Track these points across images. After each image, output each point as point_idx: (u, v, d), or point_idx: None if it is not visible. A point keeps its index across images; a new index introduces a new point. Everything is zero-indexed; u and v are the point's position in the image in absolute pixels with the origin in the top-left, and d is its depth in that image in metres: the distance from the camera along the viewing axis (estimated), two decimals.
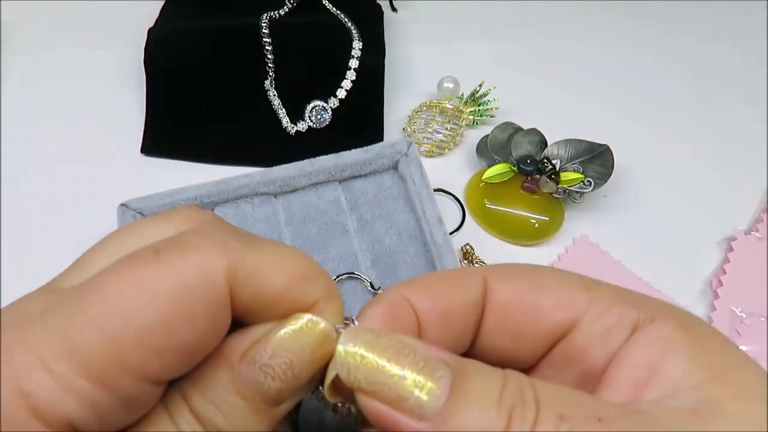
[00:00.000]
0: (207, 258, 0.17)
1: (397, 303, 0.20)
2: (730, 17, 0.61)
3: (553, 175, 0.46)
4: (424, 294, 0.21)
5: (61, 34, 0.57)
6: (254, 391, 0.18)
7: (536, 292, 0.21)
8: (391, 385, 0.17)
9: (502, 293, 0.21)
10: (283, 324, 0.18)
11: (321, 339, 0.18)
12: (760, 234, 0.45)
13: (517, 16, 0.61)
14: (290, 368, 0.18)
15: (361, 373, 0.17)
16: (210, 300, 0.17)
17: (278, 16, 0.52)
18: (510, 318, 0.21)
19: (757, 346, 0.40)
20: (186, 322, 0.16)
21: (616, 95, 0.55)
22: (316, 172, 0.43)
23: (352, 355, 0.17)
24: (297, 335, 0.18)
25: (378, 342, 0.17)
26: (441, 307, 0.21)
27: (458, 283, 0.21)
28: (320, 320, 0.18)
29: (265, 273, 0.18)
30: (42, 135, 0.50)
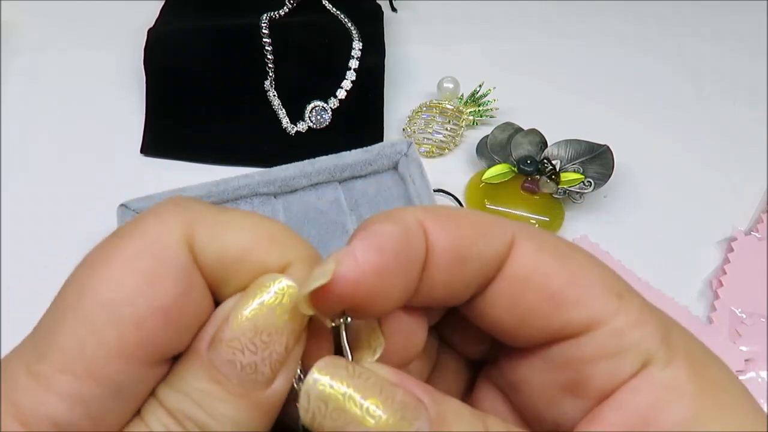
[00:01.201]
0: (162, 224, 0.17)
1: (411, 229, 0.18)
2: (730, 17, 0.61)
3: (553, 176, 0.46)
4: (446, 229, 0.18)
5: (61, 34, 0.57)
6: (228, 373, 0.16)
7: (564, 277, 0.18)
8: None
9: (525, 264, 0.18)
10: (244, 295, 0.17)
11: (282, 294, 0.17)
12: (760, 234, 0.45)
13: (517, 16, 0.61)
14: (258, 335, 0.16)
15: (327, 418, 0.16)
16: (172, 262, 0.16)
17: (278, 16, 0.52)
18: (523, 295, 0.18)
19: (757, 346, 0.40)
20: (153, 288, 0.16)
21: (616, 95, 0.55)
22: (316, 173, 0.43)
23: (318, 395, 0.16)
24: (257, 300, 0.16)
25: (353, 381, 0.16)
26: (458, 251, 0.18)
27: (485, 232, 0.18)
28: (278, 276, 0.17)
29: (226, 233, 0.17)
30: (42, 135, 0.50)
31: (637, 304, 0.18)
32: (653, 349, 0.17)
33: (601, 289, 0.18)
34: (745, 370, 0.39)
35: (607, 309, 0.18)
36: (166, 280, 0.16)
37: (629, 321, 0.18)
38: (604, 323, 0.18)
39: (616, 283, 0.19)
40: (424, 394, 0.16)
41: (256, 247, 0.17)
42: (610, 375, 0.18)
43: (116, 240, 0.17)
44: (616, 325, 0.18)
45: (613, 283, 0.18)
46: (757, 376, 0.39)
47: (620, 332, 0.18)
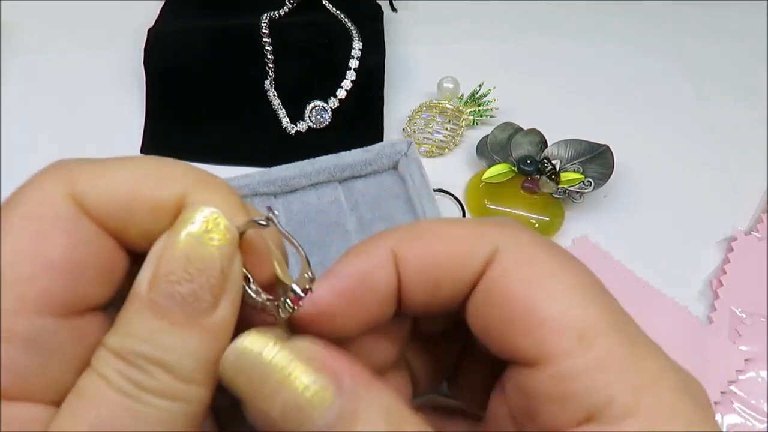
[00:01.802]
0: (43, 185, 0.17)
1: (376, 265, 0.19)
2: (730, 17, 0.61)
3: (553, 176, 0.46)
4: (418, 257, 0.19)
5: (61, 34, 0.57)
6: (170, 305, 0.16)
7: (526, 303, 0.17)
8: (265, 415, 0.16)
9: (496, 283, 0.18)
10: (171, 230, 0.17)
11: (208, 225, 0.17)
12: (760, 234, 0.45)
13: (517, 16, 0.61)
14: (190, 263, 0.16)
15: (241, 389, 0.17)
16: (56, 217, 0.17)
17: (278, 16, 0.52)
18: (488, 311, 0.18)
19: (757, 346, 0.40)
20: (42, 245, 0.16)
21: (616, 95, 0.55)
22: (316, 172, 0.43)
23: (233, 369, 0.17)
24: (182, 231, 0.17)
25: (263, 367, 0.16)
26: (430, 278, 0.19)
27: (461, 254, 0.19)
28: (200, 207, 0.17)
29: (107, 178, 0.17)
30: (42, 135, 0.50)
31: (605, 347, 0.17)
32: (605, 403, 0.16)
33: (559, 323, 0.17)
34: (745, 370, 0.39)
35: (557, 348, 0.17)
36: (53, 236, 0.16)
37: (581, 366, 0.16)
38: (551, 363, 0.17)
39: (589, 317, 0.17)
40: (350, 380, 0.16)
41: (142, 185, 0.17)
42: (552, 417, 0.17)
43: (3, 210, 0.17)
44: (563, 368, 0.17)
45: (582, 317, 0.17)
46: (757, 376, 0.39)
47: (565, 377, 0.17)
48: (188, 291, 0.16)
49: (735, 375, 0.39)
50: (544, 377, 0.17)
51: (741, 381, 0.39)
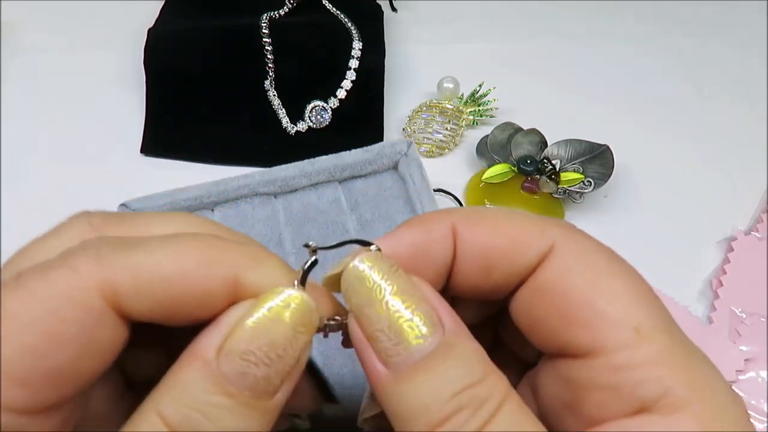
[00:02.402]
0: (73, 278, 0.16)
1: (435, 236, 0.19)
2: (730, 17, 0.61)
3: (553, 176, 0.46)
4: (476, 239, 0.19)
5: (61, 34, 0.57)
6: (240, 385, 0.16)
7: (584, 296, 0.18)
8: (374, 322, 0.17)
9: (552, 277, 0.18)
10: (255, 305, 0.17)
11: (300, 312, 0.17)
12: (760, 234, 0.45)
13: (517, 16, 0.61)
14: (273, 349, 0.16)
15: (355, 296, 0.17)
16: (81, 321, 0.15)
17: (278, 16, 0.52)
18: (540, 305, 0.19)
19: (757, 346, 0.40)
20: (53, 348, 0.15)
21: (616, 95, 0.55)
22: (316, 172, 0.43)
23: (356, 276, 0.17)
24: (272, 313, 0.16)
25: (389, 277, 0.17)
26: (485, 262, 0.19)
27: (520, 244, 0.19)
28: (295, 292, 0.17)
29: (150, 270, 0.16)
30: (42, 135, 0.50)
31: (659, 344, 0.17)
32: (659, 395, 0.16)
33: (617, 318, 0.17)
34: (745, 370, 0.39)
35: (613, 340, 0.17)
36: (70, 343, 0.15)
37: (637, 359, 0.17)
38: (606, 354, 0.17)
39: (644, 316, 0.17)
40: (449, 318, 0.17)
41: (189, 277, 0.16)
42: (601, 406, 0.17)
43: (16, 285, 0.16)
44: (618, 359, 0.17)
45: (638, 315, 0.17)
46: (757, 376, 0.39)
47: (620, 368, 0.17)
48: (264, 375, 0.16)
49: (735, 375, 0.39)
50: (597, 367, 0.17)
51: (741, 381, 0.39)
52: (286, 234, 0.42)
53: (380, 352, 0.17)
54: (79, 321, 0.15)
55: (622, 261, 0.19)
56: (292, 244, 0.42)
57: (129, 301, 0.16)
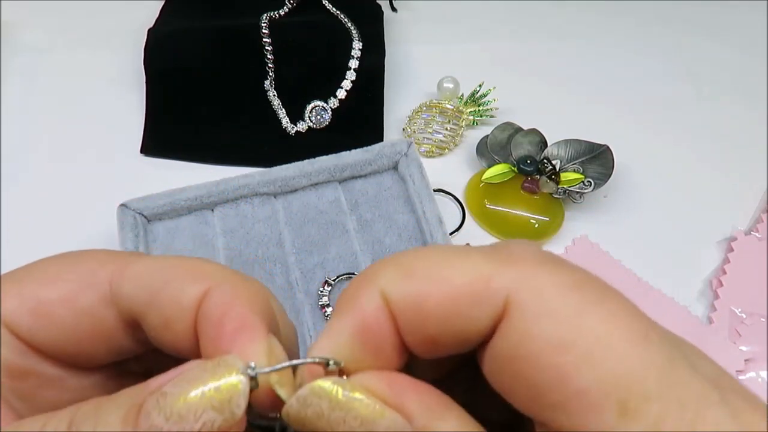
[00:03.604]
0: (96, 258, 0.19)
1: (373, 312, 0.16)
2: (730, 17, 0.61)
3: (553, 176, 0.46)
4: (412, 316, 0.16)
5: (61, 34, 0.57)
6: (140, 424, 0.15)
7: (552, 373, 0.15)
8: None
9: (511, 347, 0.15)
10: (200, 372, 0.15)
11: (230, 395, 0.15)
12: (760, 234, 0.45)
13: (517, 16, 0.61)
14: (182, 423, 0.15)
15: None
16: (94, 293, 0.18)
17: (278, 16, 0.52)
18: (508, 378, 0.16)
19: (757, 346, 0.40)
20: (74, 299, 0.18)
21: (616, 95, 0.55)
22: (316, 173, 0.43)
23: (299, 420, 0.16)
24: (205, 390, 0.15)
25: (336, 409, 0.15)
26: (427, 337, 0.16)
27: (462, 313, 0.16)
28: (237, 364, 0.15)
29: (143, 277, 0.18)
30: (42, 135, 0.50)
31: (653, 417, 0.14)
32: None
33: (596, 396, 0.14)
34: (745, 370, 0.39)
35: (597, 424, 0.14)
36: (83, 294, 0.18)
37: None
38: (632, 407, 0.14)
39: (631, 380, 0.14)
40: (420, 416, 0.15)
41: (170, 282, 0.18)
42: None
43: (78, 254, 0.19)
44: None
45: (622, 381, 0.14)
46: (757, 376, 0.39)
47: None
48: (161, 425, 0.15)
49: (735, 375, 0.39)
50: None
51: (741, 381, 0.39)
52: (286, 234, 0.42)
53: None
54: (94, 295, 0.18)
55: (600, 294, 0.16)
56: (292, 244, 0.42)
57: (124, 289, 0.18)
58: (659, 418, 0.14)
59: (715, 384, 0.15)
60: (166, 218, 0.42)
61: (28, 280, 0.18)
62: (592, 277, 0.16)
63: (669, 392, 0.14)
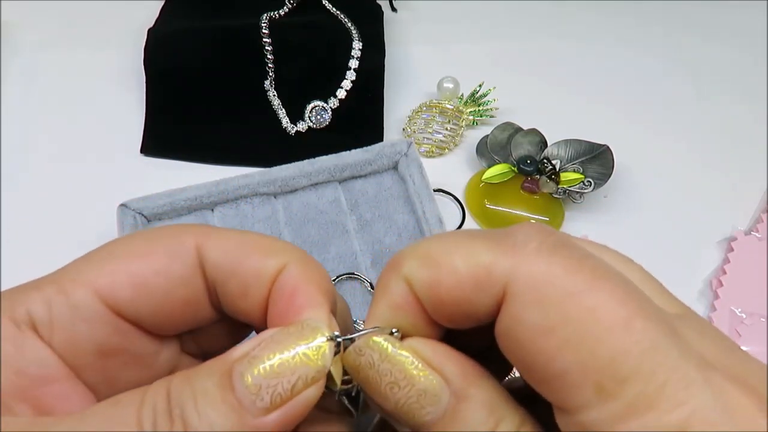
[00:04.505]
0: (183, 233, 0.20)
1: (401, 295, 0.19)
2: (730, 17, 0.61)
3: (553, 176, 0.46)
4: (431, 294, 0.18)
5: (61, 34, 0.57)
6: (236, 387, 0.17)
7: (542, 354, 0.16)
8: (384, 405, 0.18)
9: (507, 331, 0.17)
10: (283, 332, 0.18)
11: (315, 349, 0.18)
12: (760, 234, 0.45)
13: (517, 16, 0.61)
14: (277, 378, 0.17)
15: (360, 382, 0.18)
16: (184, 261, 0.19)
17: (278, 16, 0.52)
18: (509, 353, 0.17)
19: (757, 346, 0.40)
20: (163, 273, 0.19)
21: (616, 95, 0.55)
22: (316, 173, 0.43)
23: (354, 365, 0.18)
24: (294, 348, 0.17)
25: (385, 363, 0.18)
26: (447, 314, 0.18)
27: (469, 294, 0.18)
28: (319, 327, 0.18)
29: (227, 247, 0.20)
30: (42, 135, 0.50)
31: (629, 396, 0.15)
32: None
33: (574, 377, 0.16)
34: None
35: (576, 401, 0.16)
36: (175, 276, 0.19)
37: (603, 419, 0.15)
38: (573, 413, 0.16)
39: (610, 365, 0.15)
40: (457, 378, 0.17)
41: (252, 254, 0.19)
42: None
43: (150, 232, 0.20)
44: (585, 419, 0.16)
45: (598, 364, 0.15)
46: None
47: (590, 426, 0.16)
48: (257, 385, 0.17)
49: None
50: (570, 423, 0.16)
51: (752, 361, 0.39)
52: (286, 234, 0.42)
53: (398, 423, 0.18)
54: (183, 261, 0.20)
55: (588, 275, 0.17)
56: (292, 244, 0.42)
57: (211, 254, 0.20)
58: (636, 398, 0.15)
59: (705, 365, 0.16)
60: (166, 218, 0.42)
61: (118, 256, 0.19)
62: (589, 262, 0.17)
63: (648, 375, 0.15)
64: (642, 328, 0.16)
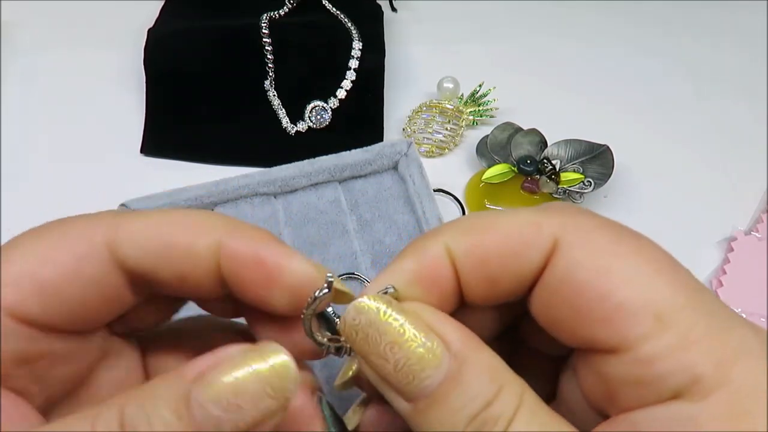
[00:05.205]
0: (91, 223, 0.19)
1: (432, 263, 0.19)
2: (730, 17, 0.61)
3: (553, 176, 0.46)
4: (472, 254, 0.19)
5: (61, 34, 0.57)
6: (196, 414, 0.16)
7: (596, 292, 0.17)
8: (382, 368, 0.18)
9: (561, 275, 0.18)
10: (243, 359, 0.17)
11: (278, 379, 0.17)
12: (760, 234, 0.45)
13: (517, 16, 0.61)
14: (237, 397, 0.16)
15: (357, 347, 0.18)
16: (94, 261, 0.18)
17: (278, 16, 0.52)
18: (556, 305, 0.18)
19: None
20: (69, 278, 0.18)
21: (616, 95, 0.55)
22: (316, 172, 0.43)
23: (352, 328, 0.18)
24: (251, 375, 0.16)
25: (384, 324, 0.18)
26: (486, 275, 0.19)
27: (517, 250, 0.18)
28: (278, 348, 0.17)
29: (148, 230, 0.19)
30: (42, 135, 0.50)
31: (684, 326, 0.16)
32: (689, 382, 0.16)
33: (634, 308, 0.16)
34: None
35: (635, 333, 0.16)
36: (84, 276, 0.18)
37: (662, 349, 0.16)
38: (630, 348, 0.16)
39: (663, 297, 0.17)
40: (458, 342, 0.17)
41: (177, 239, 0.19)
42: (635, 398, 0.17)
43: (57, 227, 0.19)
44: (643, 352, 0.16)
45: (657, 297, 0.17)
46: None
47: (646, 361, 0.16)
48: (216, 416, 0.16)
49: None
50: (625, 363, 0.17)
51: None
52: (286, 234, 0.42)
53: (396, 390, 0.18)
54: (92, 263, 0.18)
55: (633, 236, 0.18)
56: (292, 244, 0.42)
57: (126, 251, 0.19)
58: (692, 325, 0.16)
59: (737, 313, 0.17)
60: None
61: (23, 262, 0.18)
62: (626, 227, 0.19)
63: (698, 307, 0.17)
64: (685, 272, 0.18)
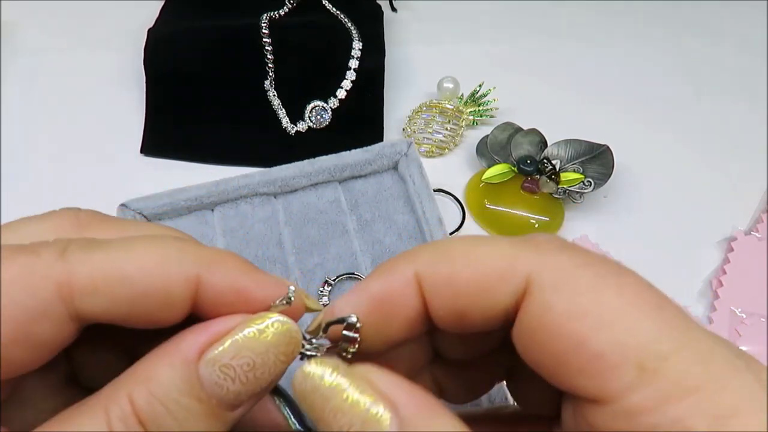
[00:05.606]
0: (35, 264, 0.16)
1: (398, 289, 0.18)
2: (730, 17, 0.62)
3: (553, 176, 0.46)
4: (441, 289, 0.18)
5: (61, 34, 0.57)
6: (212, 394, 0.16)
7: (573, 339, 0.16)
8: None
9: (534, 320, 0.16)
10: (247, 323, 0.17)
11: (286, 340, 0.17)
12: (760, 234, 0.45)
13: (517, 16, 0.61)
14: (252, 370, 0.16)
15: (305, 407, 0.17)
16: (27, 305, 0.16)
17: (278, 16, 0.52)
18: (534, 349, 0.17)
19: (757, 346, 0.40)
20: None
21: (616, 95, 0.55)
22: (316, 173, 0.43)
23: (299, 391, 0.17)
24: (262, 336, 0.17)
25: (329, 391, 0.17)
26: (455, 311, 0.18)
27: (488, 289, 0.17)
28: (287, 321, 0.17)
29: (112, 270, 0.16)
30: (42, 135, 0.50)
31: (672, 373, 0.15)
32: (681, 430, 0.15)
33: (615, 358, 0.15)
34: None
35: (617, 385, 0.15)
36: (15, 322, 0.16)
37: (648, 401, 0.15)
38: (614, 400, 0.15)
39: (646, 342, 0.15)
40: (408, 407, 0.16)
41: (149, 278, 0.16)
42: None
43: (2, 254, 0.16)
44: (628, 404, 0.15)
45: (639, 343, 0.15)
46: None
47: (633, 413, 0.15)
48: (236, 390, 0.16)
49: None
50: (609, 414, 0.15)
51: None
52: (286, 234, 0.42)
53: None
54: (25, 306, 0.15)
55: (616, 273, 0.17)
56: (292, 245, 0.42)
57: (84, 299, 0.16)
58: (681, 375, 0.15)
59: (736, 353, 0.15)
60: (166, 218, 0.42)
61: None
62: (607, 259, 0.17)
63: (688, 352, 0.15)
64: (673, 311, 0.16)
